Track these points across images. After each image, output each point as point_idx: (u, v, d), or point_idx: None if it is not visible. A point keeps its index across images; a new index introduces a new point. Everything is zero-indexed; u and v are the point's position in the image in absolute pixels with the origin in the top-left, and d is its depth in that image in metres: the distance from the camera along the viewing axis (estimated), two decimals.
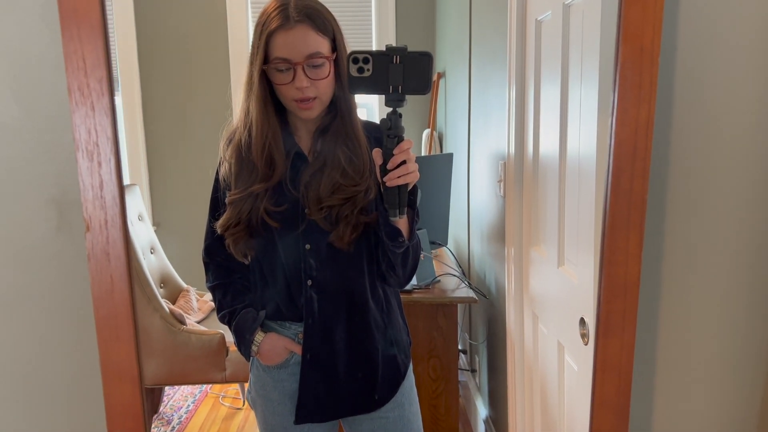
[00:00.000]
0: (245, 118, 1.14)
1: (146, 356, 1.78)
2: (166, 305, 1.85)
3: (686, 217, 1.03)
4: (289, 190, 1.16)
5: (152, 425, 2.05)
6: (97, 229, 0.90)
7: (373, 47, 2.83)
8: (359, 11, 2.78)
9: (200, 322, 2.00)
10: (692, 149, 1.01)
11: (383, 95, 0.97)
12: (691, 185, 1.02)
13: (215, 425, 2.14)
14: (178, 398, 2.23)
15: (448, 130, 2.85)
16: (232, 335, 1.26)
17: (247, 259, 1.22)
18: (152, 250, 1.90)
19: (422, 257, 1.98)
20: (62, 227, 1.01)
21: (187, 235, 2.01)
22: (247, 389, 1.33)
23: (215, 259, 1.27)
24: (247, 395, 1.33)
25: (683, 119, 1.00)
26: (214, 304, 1.30)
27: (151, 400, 2.04)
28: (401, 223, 1.10)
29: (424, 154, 2.83)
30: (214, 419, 2.17)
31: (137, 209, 1.89)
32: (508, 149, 1.81)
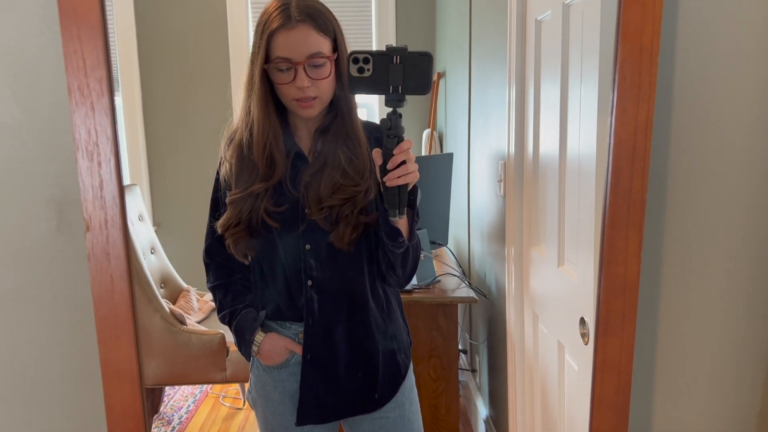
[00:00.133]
0: (246, 117, 1.14)
1: (146, 356, 1.78)
2: (166, 305, 1.85)
3: (686, 216, 1.03)
4: (289, 190, 1.16)
5: (153, 425, 2.05)
6: (97, 228, 0.90)
7: (373, 47, 2.83)
8: (359, 11, 2.78)
9: (200, 322, 2.00)
10: (691, 149, 1.01)
11: (383, 95, 0.97)
12: (690, 184, 1.02)
13: (215, 425, 2.14)
14: (178, 398, 2.23)
15: (448, 130, 2.85)
16: (232, 335, 1.26)
17: (247, 259, 1.22)
18: (152, 250, 1.90)
19: (422, 257, 1.98)
20: (62, 227, 1.01)
21: (187, 235, 2.01)
22: (247, 389, 1.33)
23: (216, 259, 1.27)
24: (247, 395, 1.33)
25: (682, 119, 1.00)
26: (214, 304, 1.30)
27: (151, 400, 2.04)
28: (401, 223, 1.10)
29: (424, 154, 2.83)
30: (214, 419, 2.17)
31: (137, 209, 1.89)
32: (508, 149, 1.81)
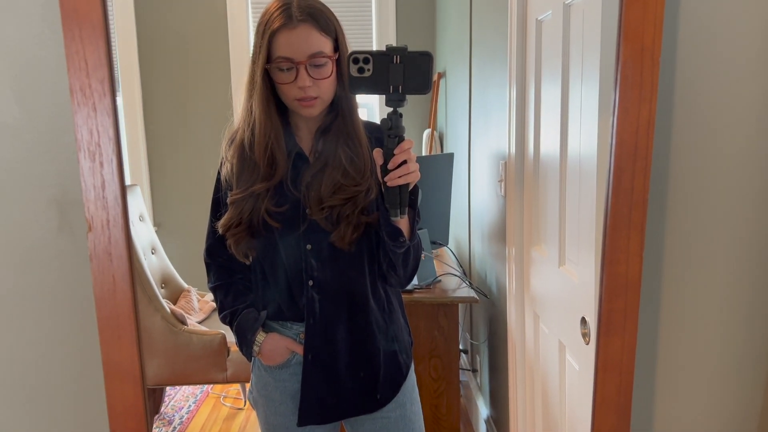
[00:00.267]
0: (248, 117, 1.14)
1: (147, 356, 1.78)
2: (167, 305, 1.84)
3: (687, 216, 1.03)
4: (290, 190, 1.16)
5: (154, 425, 2.05)
6: (99, 229, 0.90)
7: (373, 47, 2.83)
8: (359, 11, 2.78)
9: (201, 322, 2.00)
10: (693, 148, 1.01)
11: (384, 95, 0.97)
12: (692, 184, 1.02)
13: (216, 425, 2.13)
14: (179, 398, 2.23)
15: (448, 129, 2.85)
16: (233, 336, 1.26)
17: (248, 259, 1.22)
18: (153, 250, 1.90)
19: (423, 257, 1.98)
20: (64, 227, 1.02)
21: (188, 235, 2.01)
22: (248, 389, 1.33)
23: (217, 259, 1.27)
24: (248, 395, 1.33)
25: (684, 118, 1.00)
26: (215, 304, 1.30)
27: (152, 400, 2.04)
28: (402, 223, 1.10)
29: (424, 153, 2.83)
30: (215, 419, 2.16)
31: (138, 210, 1.89)
32: (508, 149, 1.81)
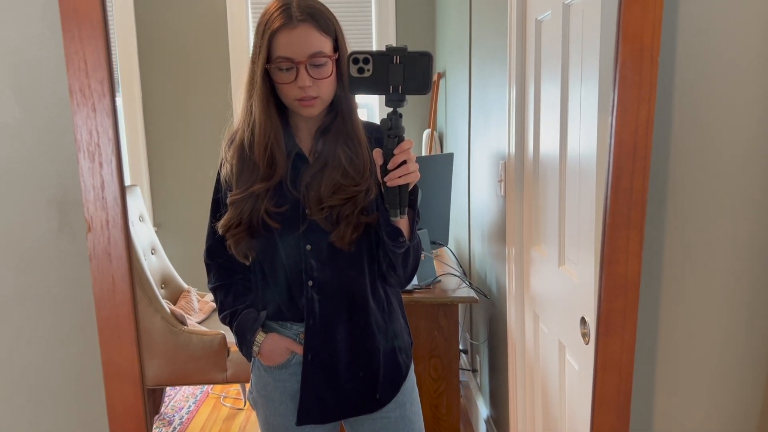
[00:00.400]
0: (248, 117, 1.14)
1: (147, 357, 1.78)
2: (167, 306, 1.85)
3: (687, 215, 1.03)
4: (289, 190, 1.16)
5: (154, 426, 2.05)
6: (98, 229, 0.90)
7: (373, 47, 2.83)
8: (359, 11, 2.78)
9: (201, 322, 2.00)
10: (692, 148, 1.01)
11: (383, 95, 0.97)
12: (691, 184, 1.02)
13: (216, 426, 2.13)
14: (179, 399, 2.23)
15: (448, 130, 2.85)
16: (233, 336, 1.26)
17: (248, 260, 1.22)
18: (153, 250, 1.90)
19: (423, 257, 1.98)
20: (63, 228, 1.02)
21: (187, 235, 2.01)
22: (248, 390, 1.33)
23: (216, 260, 1.27)
24: (248, 396, 1.33)
25: (683, 118, 1.00)
26: (215, 305, 1.30)
27: (152, 400, 2.04)
28: (402, 223, 1.10)
29: (424, 154, 2.83)
30: (215, 420, 2.16)
31: (138, 210, 1.89)
32: (508, 149, 1.81)
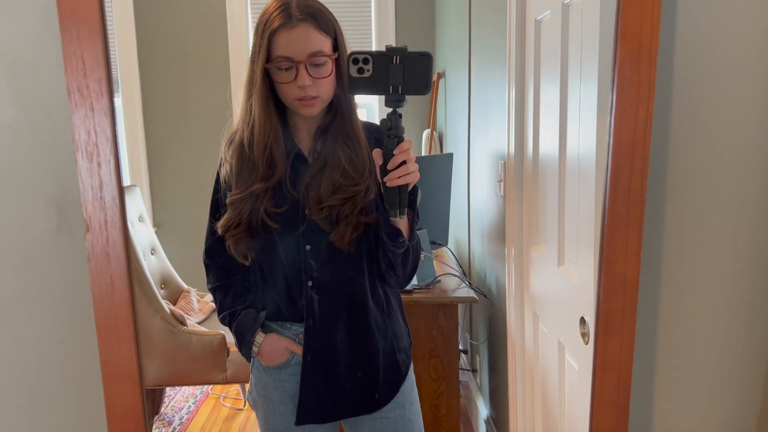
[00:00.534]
0: (248, 116, 1.14)
1: (147, 357, 1.78)
2: (166, 306, 1.85)
3: (685, 215, 1.03)
4: (289, 191, 1.16)
5: (153, 426, 2.05)
6: (96, 229, 0.90)
7: (372, 48, 2.83)
8: (359, 11, 2.78)
9: (201, 323, 2.00)
10: (691, 148, 1.01)
11: (383, 96, 0.97)
12: (690, 183, 1.02)
13: (216, 426, 2.13)
14: (179, 399, 2.23)
15: (448, 130, 2.85)
16: (232, 336, 1.26)
17: (247, 260, 1.22)
18: (153, 251, 1.90)
19: (422, 257, 1.98)
20: (62, 228, 1.02)
21: (187, 236, 2.01)
22: (248, 390, 1.33)
23: (216, 260, 1.27)
24: (248, 396, 1.33)
25: (682, 118, 1.00)
26: (214, 305, 1.30)
27: (152, 401, 2.04)
28: (401, 223, 1.10)
29: (424, 154, 2.83)
30: (215, 420, 2.16)
31: (138, 210, 1.89)
32: (507, 149, 1.81)
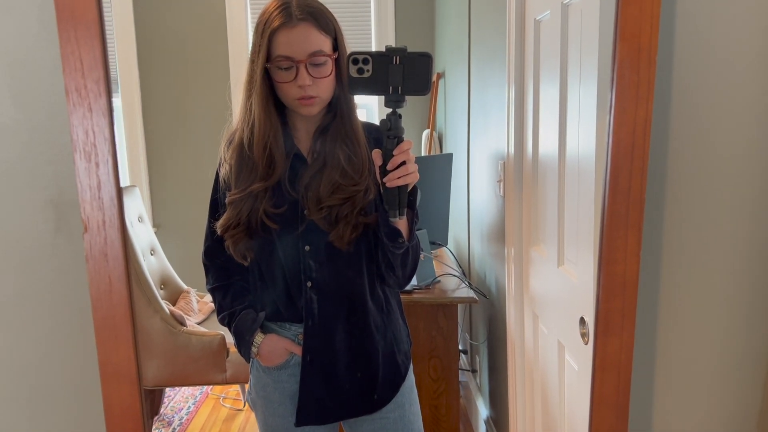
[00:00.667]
0: (248, 116, 1.14)
1: (146, 358, 1.78)
2: (166, 307, 1.84)
3: (685, 215, 1.03)
4: (288, 191, 1.16)
5: (153, 427, 2.04)
6: (95, 230, 0.90)
7: (372, 48, 2.83)
8: (358, 12, 2.78)
9: (200, 323, 2.00)
10: (690, 148, 1.01)
11: (383, 96, 0.97)
12: (689, 183, 1.02)
13: (216, 426, 2.13)
14: (178, 399, 2.23)
15: (447, 130, 2.85)
16: (232, 337, 1.26)
17: (246, 260, 1.22)
18: (152, 251, 1.90)
19: (422, 257, 1.97)
20: (60, 228, 1.01)
21: (187, 236, 2.01)
22: (247, 390, 1.33)
23: (215, 261, 1.27)
24: (247, 396, 1.33)
25: (681, 118, 1.00)
26: (214, 305, 1.30)
27: (151, 401, 2.04)
28: (401, 223, 1.10)
29: (423, 154, 2.83)
30: (215, 420, 2.16)
31: (137, 211, 1.89)
32: (507, 149, 1.81)
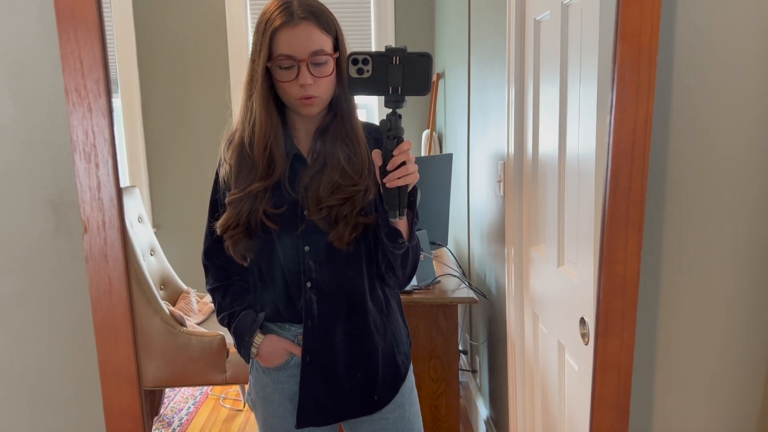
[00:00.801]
0: (249, 115, 1.14)
1: (146, 358, 1.78)
2: (166, 307, 1.84)
3: (685, 215, 1.03)
4: (287, 191, 1.16)
5: (153, 427, 2.04)
6: (94, 230, 0.90)
7: (372, 48, 2.83)
8: (358, 11, 2.78)
9: (200, 323, 1.99)
10: (691, 148, 1.01)
11: (383, 96, 0.97)
12: (690, 183, 1.02)
13: (216, 427, 2.13)
14: (178, 400, 2.23)
15: (447, 130, 2.85)
16: (231, 337, 1.26)
17: (246, 261, 1.22)
18: (152, 251, 1.90)
19: (422, 258, 1.97)
20: (60, 229, 1.01)
21: (187, 236, 2.01)
22: (246, 391, 1.32)
23: (215, 261, 1.26)
24: (246, 397, 1.32)
25: (681, 118, 1.00)
26: (213, 306, 1.30)
27: (151, 401, 2.04)
28: (401, 224, 1.10)
29: (423, 154, 2.83)
30: (214, 421, 2.16)
31: (137, 211, 1.89)
32: (507, 149, 1.81)
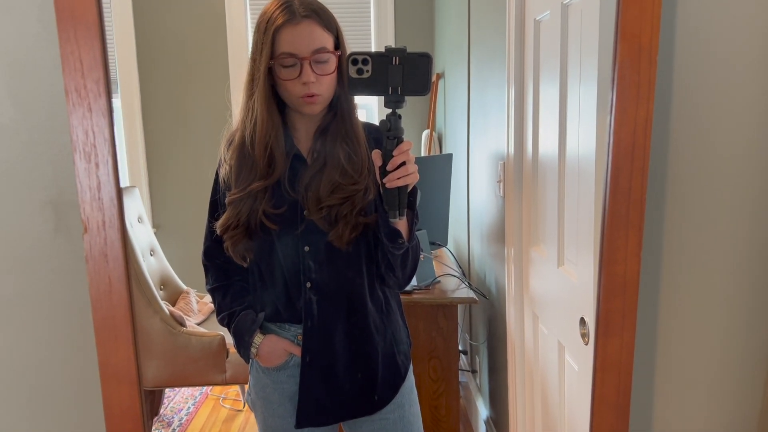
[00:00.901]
0: (250, 114, 1.14)
1: (146, 358, 1.78)
2: (166, 307, 1.84)
3: (685, 215, 1.03)
4: (287, 191, 1.16)
5: (153, 427, 2.04)
6: (94, 230, 0.90)
7: (372, 48, 2.83)
8: (358, 11, 2.78)
9: (200, 324, 1.99)
10: (691, 148, 1.01)
11: (383, 96, 0.97)
12: (690, 184, 1.02)
13: (216, 427, 2.13)
14: (178, 400, 2.22)
15: (447, 130, 2.85)
16: (231, 337, 1.26)
17: (246, 261, 1.21)
18: (152, 252, 1.89)
19: (422, 258, 1.97)
20: (60, 229, 1.01)
21: (187, 236, 2.01)
22: (246, 391, 1.32)
23: (214, 261, 1.26)
24: (246, 397, 1.32)
25: (682, 118, 1.00)
26: (213, 306, 1.30)
27: (151, 402, 2.04)
28: (401, 224, 1.10)
29: (423, 154, 2.83)
30: (214, 421, 2.16)
31: (137, 211, 1.89)
32: (507, 149, 1.81)
